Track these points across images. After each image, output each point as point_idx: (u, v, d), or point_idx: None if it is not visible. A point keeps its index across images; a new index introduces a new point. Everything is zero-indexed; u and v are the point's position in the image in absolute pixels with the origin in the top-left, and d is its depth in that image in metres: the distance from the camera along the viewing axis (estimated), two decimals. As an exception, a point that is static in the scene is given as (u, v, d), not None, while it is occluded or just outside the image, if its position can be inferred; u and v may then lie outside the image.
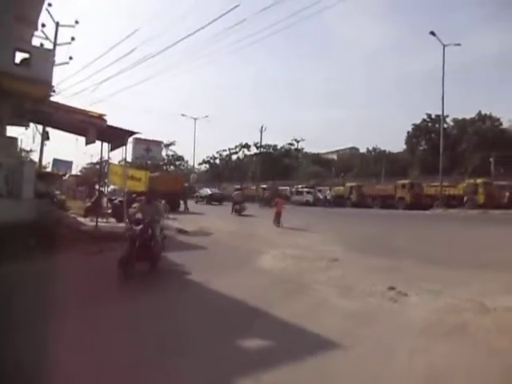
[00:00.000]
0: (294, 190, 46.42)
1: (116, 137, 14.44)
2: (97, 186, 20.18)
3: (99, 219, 13.98)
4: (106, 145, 15.49)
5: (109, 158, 19.15)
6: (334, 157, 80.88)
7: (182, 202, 28.70)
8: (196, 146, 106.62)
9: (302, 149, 77.84)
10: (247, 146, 75.65)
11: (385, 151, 65.60)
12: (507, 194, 32.95)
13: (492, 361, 3.95)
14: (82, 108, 12.45)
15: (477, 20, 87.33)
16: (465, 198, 33.59)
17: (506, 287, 6.54)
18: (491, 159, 41.78)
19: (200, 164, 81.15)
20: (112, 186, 21.14)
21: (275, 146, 76.73)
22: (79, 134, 15.20)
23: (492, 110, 54.69)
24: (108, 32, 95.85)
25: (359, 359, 4.08)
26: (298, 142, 75.79)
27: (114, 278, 7.29)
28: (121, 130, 13.67)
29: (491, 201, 31.95)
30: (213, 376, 3.76)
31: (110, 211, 16.61)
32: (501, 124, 54.15)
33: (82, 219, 15.23)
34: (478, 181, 34.09)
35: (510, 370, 3.74)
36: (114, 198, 18.01)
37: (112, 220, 15.78)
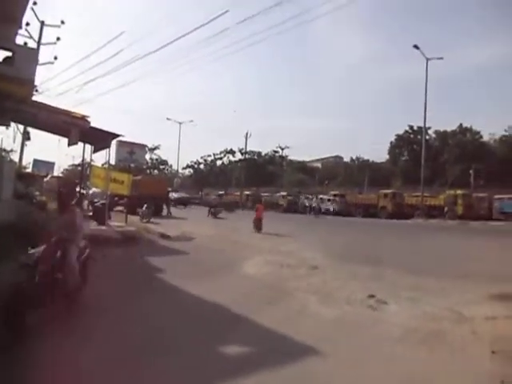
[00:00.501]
0: (316, 197, 42.37)
1: (99, 139, 14.28)
2: (78, 188, 19.87)
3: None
4: (88, 146, 15.34)
5: (91, 160, 18.87)
6: (319, 165, 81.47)
7: (164, 206, 28.51)
8: (180, 151, 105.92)
9: (287, 156, 78.27)
10: (232, 152, 75.64)
11: (368, 161, 66.38)
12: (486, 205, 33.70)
13: (468, 368, 4.01)
14: (65, 109, 12.28)
15: (461, 33, 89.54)
16: (445, 209, 34.22)
17: (482, 297, 6.64)
18: (471, 171, 42.66)
19: (184, 168, 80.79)
20: (94, 189, 20.89)
21: (260, 152, 76.97)
22: (62, 135, 14.99)
23: (473, 123, 56.01)
24: (95, 33, 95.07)
25: (338, 366, 4.09)
26: (282, 149, 76.20)
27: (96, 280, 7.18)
28: (104, 132, 13.53)
29: (470, 212, 32.61)
30: (193, 381, 3.73)
31: (90, 214, 16.37)
32: (481, 137, 55.41)
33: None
34: (458, 192, 34.81)
35: (485, 378, 3.79)
36: (95, 200, 17.76)
37: (93, 223, 15.55)
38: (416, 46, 35.12)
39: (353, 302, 6.42)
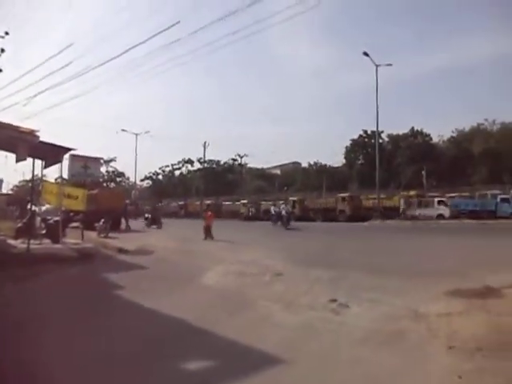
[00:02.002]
0: (286, 204, 35.80)
1: (50, 153, 13.77)
2: (29, 206, 19.03)
3: (32, 241, 13.16)
4: (39, 162, 14.76)
5: (43, 175, 18.14)
6: (278, 171, 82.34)
7: (123, 219, 27.84)
8: (138, 162, 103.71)
9: (246, 164, 78.54)
10: (190, 162, 75.02)
11: (325, 165, 67.75)
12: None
13: (427, 365, 4.13)
14: (12, 123, 11.72)
15: (410, 39, 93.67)
16: (400, 210, 35.38)
17: (438, 294, 6.87)
18: (423, 172, 44.43)
19: (142, 180, 79.27)
20: (47, 205, 20.12)
21: (218, 161, 76.81)
22: (8, 151, 14.31)
23: (424, 126, 58.58)
24: (43, 44, 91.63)
25: (302, 372, 4.09)
26: (241, 157, 76.41)
27: (45, 303, 6.88)
28: (55, 146, 13.06)
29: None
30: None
31: (44, 232, 15.70)
32: (431, 139, 57.96)
33: (12, 241, 14.25)
34: (412, 193, 36.10)
35: (443, 374, 3.91)
36: (48, 217, 17.06)
37: (46, 241, 14.92)
38: (366, 53, 36.25)
39: (315, 308, 6.46)
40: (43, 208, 20.21)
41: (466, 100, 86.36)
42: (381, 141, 53.36)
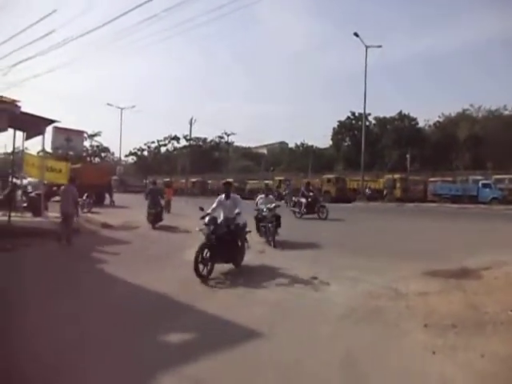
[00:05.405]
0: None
1: (32, 125, 13.48)
2: (10, 178, 18.69)
3: (13, 213, 12.98)
4: (20, 133, 14.47)
5: (24, 147, 17.76)
6: (264, 151, 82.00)
7: (107, 195, 27.66)
8: (123, 138, 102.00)
9: (233, 142, 77.95)
10: (176, 139, 74.09)
11: (312, 146, 67.68)
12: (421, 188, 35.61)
13: (403, 341, 4.24)
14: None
15: (401, 22, 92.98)
16: (384, 192, 35.74)
17: (416, 274, 7.01)
18: (407, 155, 44.74)
19: (127, 156, 78.10)
20: (29, 179, 19.78)
21: (205, 138, 76.03)
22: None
23: (411, 111, 58.77)
24: (26, 12, 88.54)
25: (282, 347, 4.16)
26: (228, 135, 75.71)
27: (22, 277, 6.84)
28: (37, 117, 12.77)
29: (407, 194, 34.32)
30: (134, 372, 3.65)
31: (25, 205, 15.48)
32: (417, 123, 58.22)
33: (-8, 214, 14.03)
34: (396, 176, 36.42)
35: (418, 350, 4.02)
36: (29, 190, 16.82)
37: (28, 214, 14.72)
38: (356, 34, 35.84)
39: (297, 285, 6.55)
40: (25, 181, 19.90)
41: (454, 85, 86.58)
42: (368, 123, 53.42)
